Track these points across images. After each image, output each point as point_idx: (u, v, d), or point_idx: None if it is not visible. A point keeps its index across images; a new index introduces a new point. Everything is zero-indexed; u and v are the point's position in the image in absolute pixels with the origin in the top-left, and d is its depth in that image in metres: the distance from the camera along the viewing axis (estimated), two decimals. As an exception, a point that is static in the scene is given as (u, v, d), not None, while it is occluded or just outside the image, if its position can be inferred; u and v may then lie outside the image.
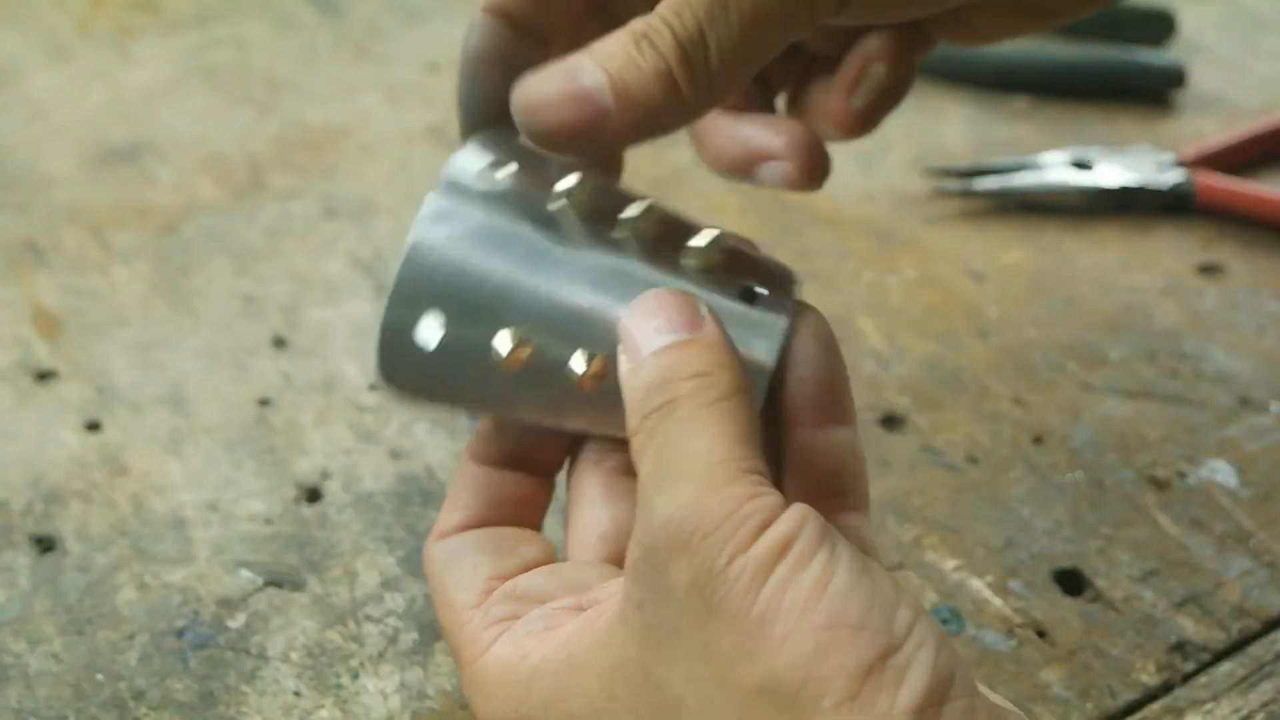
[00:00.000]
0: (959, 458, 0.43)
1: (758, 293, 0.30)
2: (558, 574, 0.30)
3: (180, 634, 0.37)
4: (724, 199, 0.57)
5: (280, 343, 0.48)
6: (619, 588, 0.26)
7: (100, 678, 0.35)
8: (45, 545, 0.39)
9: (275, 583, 0.38)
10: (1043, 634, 0.37)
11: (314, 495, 0.41)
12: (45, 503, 0.41)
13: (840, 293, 0.51)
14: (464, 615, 0.29)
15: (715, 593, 0.24)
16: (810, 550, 0.24)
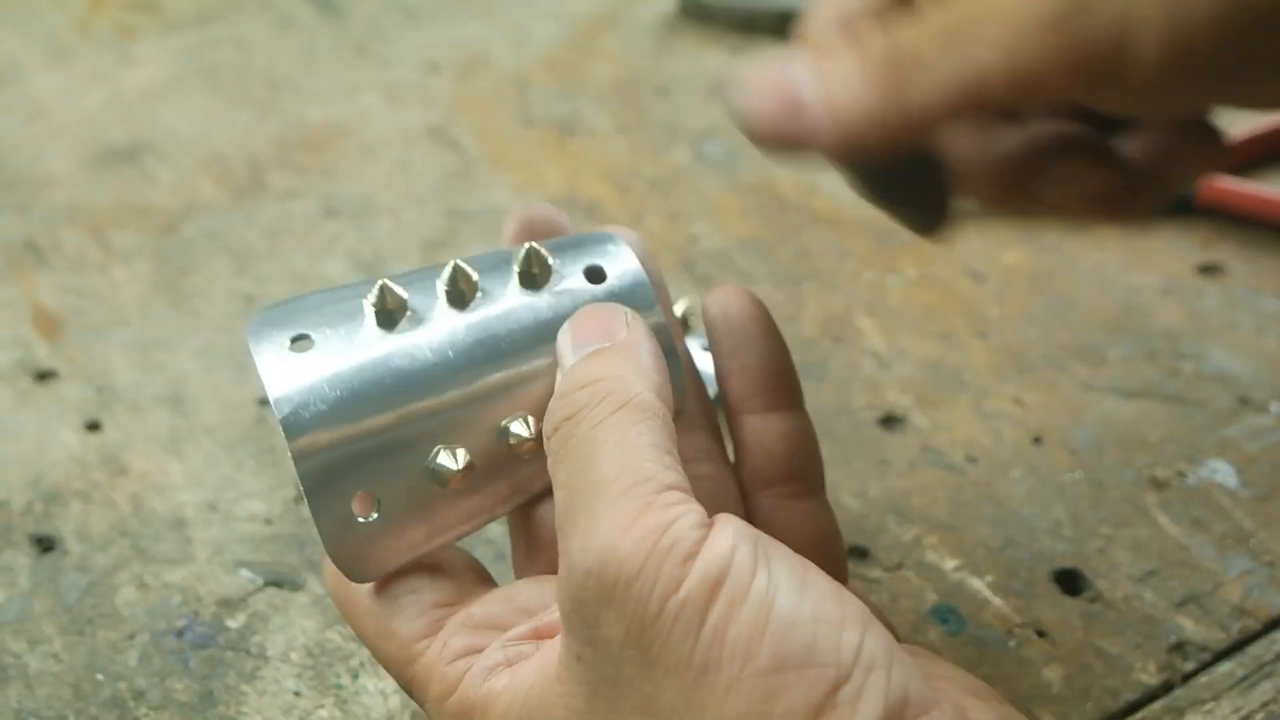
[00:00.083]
0: (959, 458, 0.43)
1: (601, 267, 0.30)
2: (511, 598, 0.29)
3: (180, 634, 0.37)
4: (723, 199, 0.57)
5: (280, 343, 0.48)
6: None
7: (100, 678, 0.35)
8: (45, 545, 0.39)
9: (275, 583, 0.38)
10: (1043, 634, 0.37)
11: (314, 495, 0.41)
12: (45, 503, 0.41)
13: (840, 293, 0.51)
14: (414, 647, 0.28)
15: (652, 644, 0.23)
16: (745, 580, 0.23)
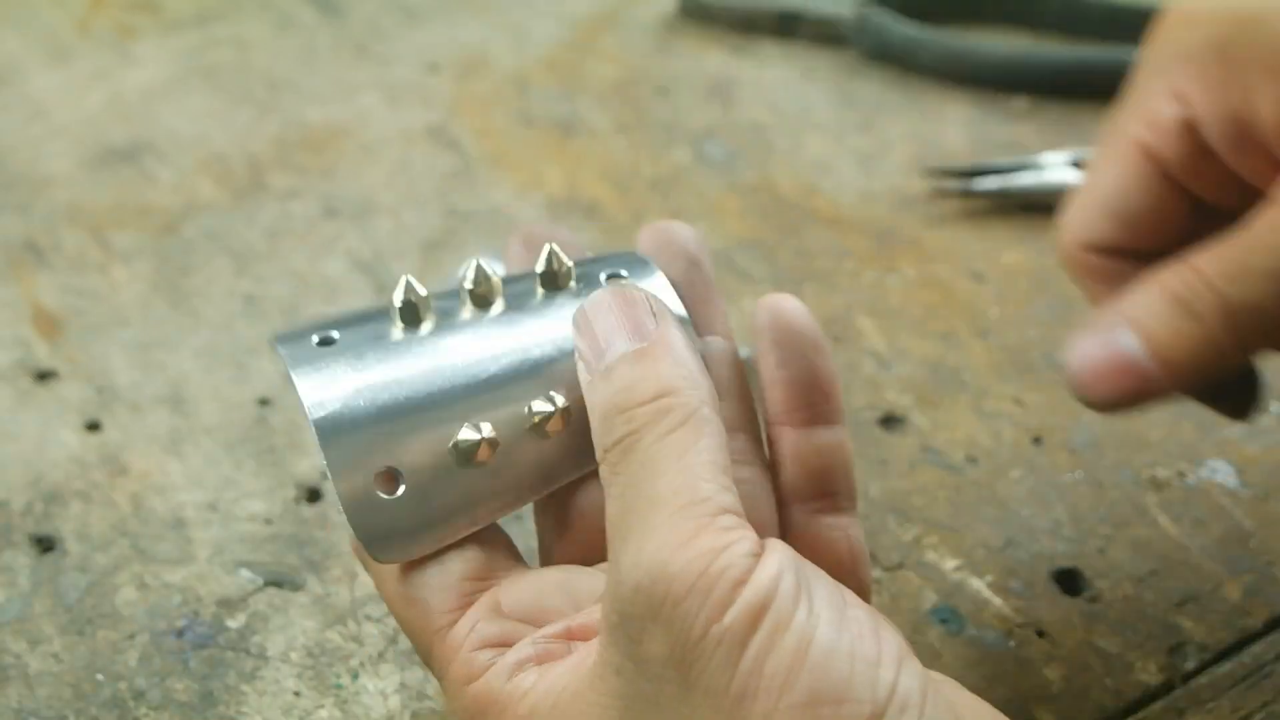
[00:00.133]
0: (959, 458, 0.43)
1: (622, 276, 0.31)
2: (541, 587, 0.29)
3: (180, 634, 0.37)
4: (723, 199, 0.57)
5: (280, 343, 0.48)
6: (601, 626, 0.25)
7: (100, 678, 0.35)
8: (45, 545, 0.39)
9: (275, 583, 0.38)
10: (1043, 634, 0.37)
11: (314, 495, 0.41)
12: (45, 503, 0.41)
13: (840, 293, 0.51)
14: (439, 619, 0.28)
15: (692, 667, 0.23)
16: (788, 611, 0.23)
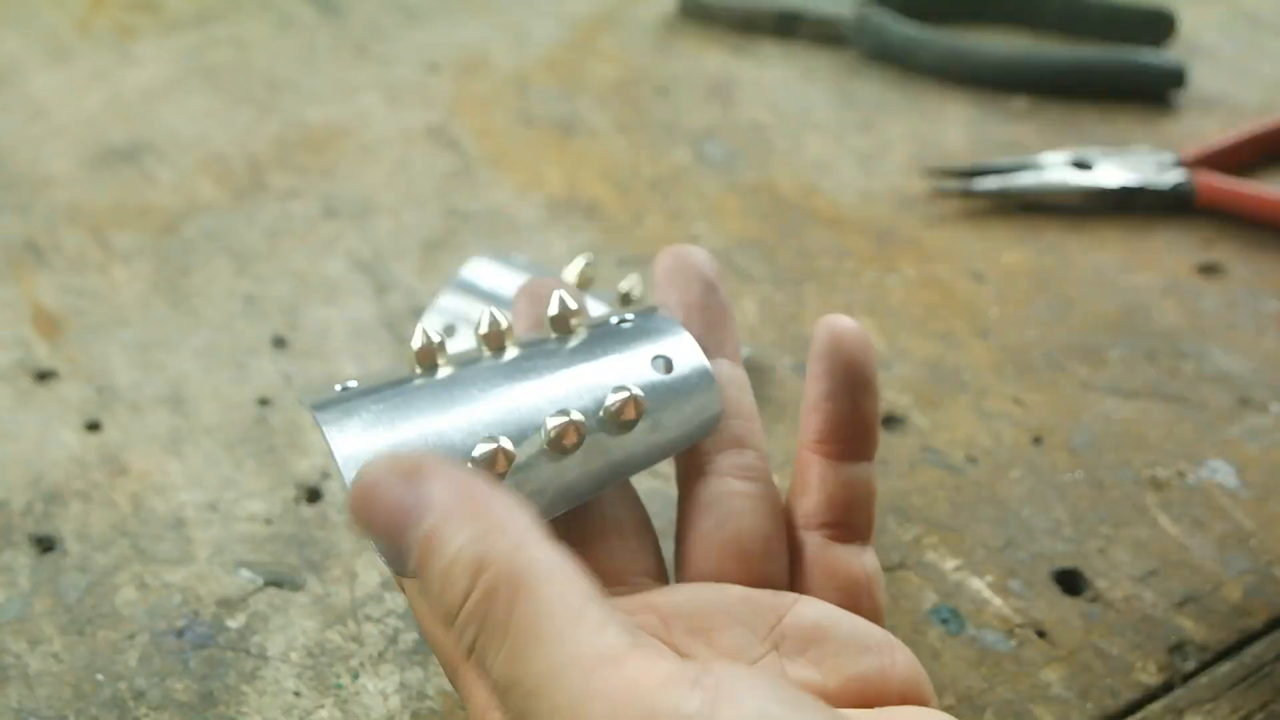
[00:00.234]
0: (959, 458, 0.43)
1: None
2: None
3: (180, 634, 0.37)
4: (723, 199, 0.57)
5: (280, 343, 0.48)
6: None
7: (100, 678, 0.35)
8: (45, 545, 0.39)
9: (275, 583, 0.38)
10: (1043, 634, 0.37)
11: (314, 495, 0.41)
12: (45, 503, 0.41)
13: (840, 293, 0.51)
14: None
15: None
16: None
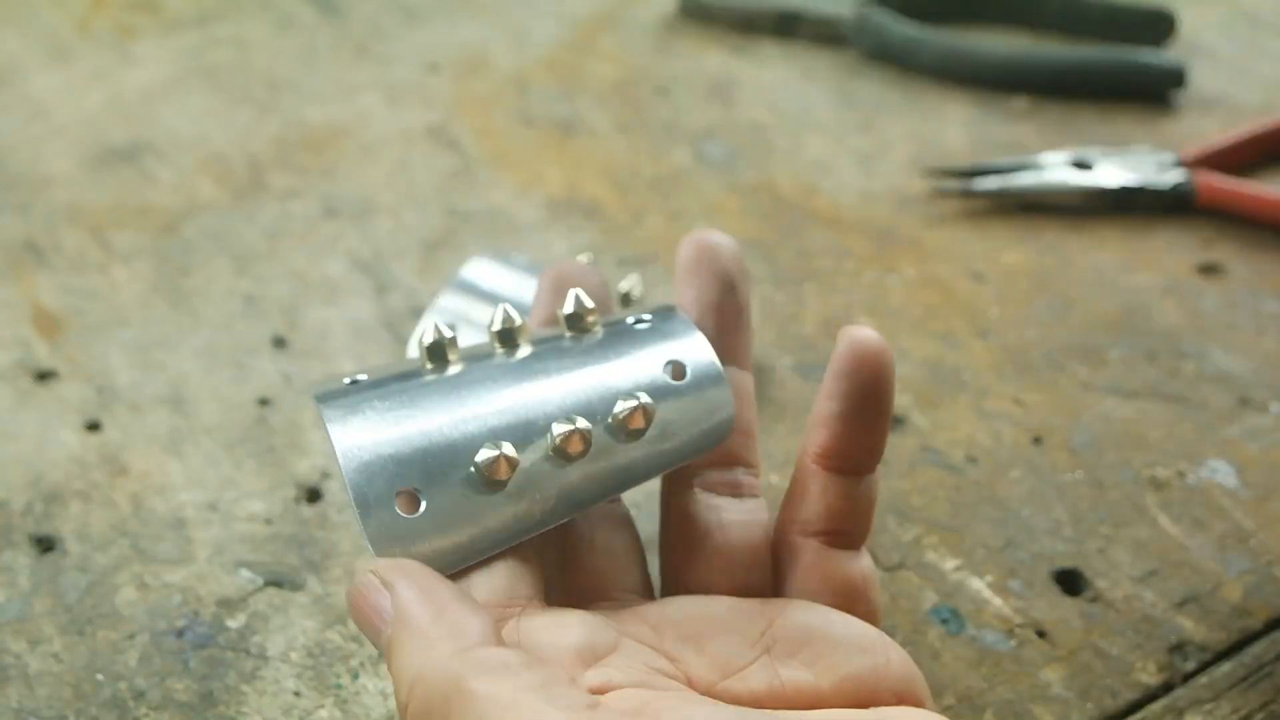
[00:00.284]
0: (959, 458, 0.43)
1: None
2: (564, 627, 0.27)
3: (180, 634, 0.37)
4: (723, 199, 0.57)
5: (280, 343, 0.48)
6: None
7: (100, 678, 0.35)
8: (45, 545, 0.39)
9: (275, 583, 0.38)
10: (1043, 634, 0.37)
11: (314, 495, 0.41)
12: (45, 503, 0.41)
13: (840, 293, 0.51)
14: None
15: None
16: None
